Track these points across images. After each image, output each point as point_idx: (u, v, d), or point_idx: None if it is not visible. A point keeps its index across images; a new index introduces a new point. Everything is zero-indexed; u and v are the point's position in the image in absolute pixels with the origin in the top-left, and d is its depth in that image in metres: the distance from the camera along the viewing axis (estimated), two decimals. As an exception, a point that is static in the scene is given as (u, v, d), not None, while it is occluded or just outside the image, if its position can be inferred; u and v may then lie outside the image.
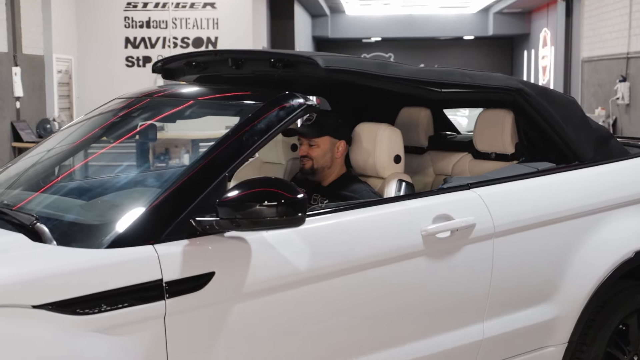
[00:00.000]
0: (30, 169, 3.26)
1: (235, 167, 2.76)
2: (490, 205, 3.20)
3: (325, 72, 3.07)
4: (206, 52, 3.69)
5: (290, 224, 2.56)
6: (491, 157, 3.97)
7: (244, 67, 3.42)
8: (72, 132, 3.41)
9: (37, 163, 3.28)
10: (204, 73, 3.75)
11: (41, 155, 3.32)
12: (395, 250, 2.93)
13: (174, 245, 2.52)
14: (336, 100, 4.57)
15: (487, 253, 3.17)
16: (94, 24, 11.91)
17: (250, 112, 2.88)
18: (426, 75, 3.35)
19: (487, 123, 3.91)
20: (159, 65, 3.87)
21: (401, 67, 3.32)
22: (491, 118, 3.89)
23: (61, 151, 3.30)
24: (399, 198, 3.13)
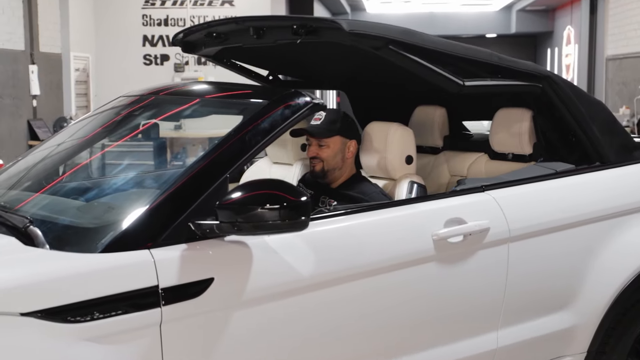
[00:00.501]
0: (31, 169, 3.17)
1: (237, 169, 2.64)
2: (505, 208, 3.07)
3: (349, 37, 2.92)
4: (226, 21, 3.53)
5: (292, 229, 2.44)
6: (508, 158, 3.84)
7: (265, 36, 3.27)
8: (74, 132, 3.31)
9: (37, 163, 3.19)
10: (225, 44, 3.62)
11: (42, 155, 3.23)
12: (405, 255, 2.81)
13: (172, 249, 2.42)
14: (354, 96, 4.47)
15: (501, 258, 3.04)
16: (112, 22, 11.86)
17: (254, 111, 2.77)
18: (453, 48, 3.19)
19: (504, 122, 3.78)
20: (179, 37, 3.76)
21: (427, 35, 3.15)
22: (508, 117, 3.75)
23: (62, 151, 3.21)
24: (409, 201, 3.01)
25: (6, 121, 9.30)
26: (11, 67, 9.35)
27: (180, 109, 3.23)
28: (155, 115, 3.23)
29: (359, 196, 3.19)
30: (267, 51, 3.64)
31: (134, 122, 3.21)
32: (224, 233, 2.46)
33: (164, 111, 3.27)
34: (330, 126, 3.29)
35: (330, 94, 18.09)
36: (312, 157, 3.32)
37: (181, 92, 3.33)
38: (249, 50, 3.71)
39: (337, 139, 3.30)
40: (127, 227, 2.42)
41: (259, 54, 3.85)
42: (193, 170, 2.57)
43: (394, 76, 3.80)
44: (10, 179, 3.09)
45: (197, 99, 3.23)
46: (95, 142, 3.19)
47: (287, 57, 3.62)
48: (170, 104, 3.28)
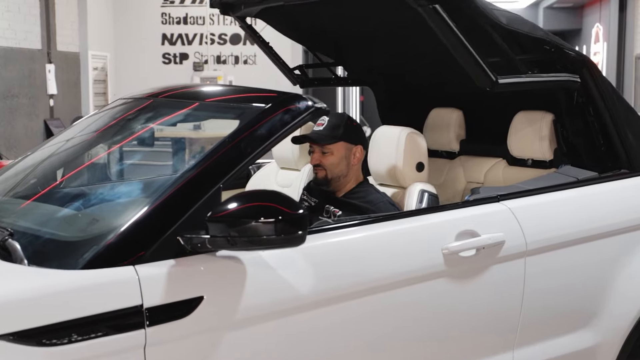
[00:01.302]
0: (21, 175, 3.01)
1: (231, 178, 2.46)
2: (522, 220, 2.87)
3: None
4: None
5: (288, 244, 2.26)
6: (527, 164, 3.66)
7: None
8: (68, 136, 3.15)
9: (28, 169, 3.03)
10: (265, 4, 3.51)
11: (34, 161, 3.07)
12: (413, 270, 2.62)
13: (158, 266, 2.25)
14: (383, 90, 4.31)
15: (517, 273, 2.84)
16: (131, 20, 11.75)
17: (251, 116, 2.60)
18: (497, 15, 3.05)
19: (523, 126, 3.58)
20: None
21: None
22: (528, 120, 3.56)
23: (54, 157, 3.04)
24: (418, 212, 2.81)
25: (22, 121, 9.22)
26: (27, 67, 9.27)
27: (176, 114, 3.05)
28: (150, 120, 3.06)
29: (365, 206, 3.00)
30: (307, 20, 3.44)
31: (128, 128, 3.04)
32: (215, 248, 2.29)
33: (160, 116, 3.09)
34: (333, 132, 3.10)
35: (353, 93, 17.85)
36: (315, 164, 3.14)
37: (180, 95, 3.15)
38: (289, 16, 3.56)
39: (340, 145, 3.11)
40: (110, 242, 2.25)
41: (298, 23, 3.67)
42: (183, 180, 2.40)
43: (429, 68, 3.63)
44: (2, 184, 2.94)
45: (195, 103, 3.05)
46: (88, 148, 3.02)
47: (327, 32, 3.45)
48: (167, 107, 3.11)
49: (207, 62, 11.77)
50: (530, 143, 3.54)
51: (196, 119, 3.06)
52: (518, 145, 3.61)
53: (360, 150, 3.15)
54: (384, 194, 3.09)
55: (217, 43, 11.77)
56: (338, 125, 3.10)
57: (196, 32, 11.79)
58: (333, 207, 3.07)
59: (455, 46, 2.92)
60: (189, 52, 11.81)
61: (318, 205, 3.15)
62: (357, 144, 3.14)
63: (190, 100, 3.04)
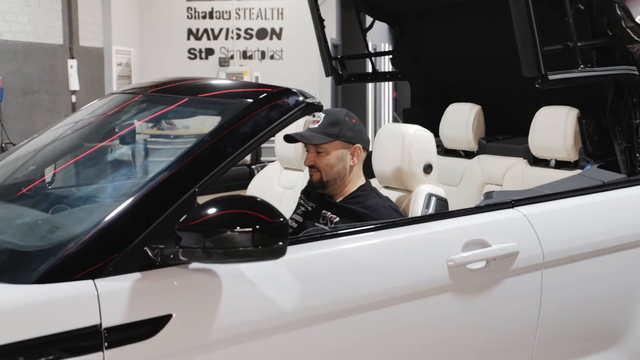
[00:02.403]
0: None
1: (208, 181, 2.21)
2: (538, 228, 2.59)
3: None
4: None
5: (266, 256, 2.01)
6: (550, 165, 3.37)
7: None
8: (48, 134, 2.92)
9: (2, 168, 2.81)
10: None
11: (9, 160, 2.85)
12: (413, 285, 2.35)
13: (121, 279, 2.00)
14: None
15: (533, 288, 2.56)
16: (156, 15, 11.56)
17: (233, 112, 2.35)
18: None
19: (546, 123, 3.30)
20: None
21: None
22: (551, 117, 3.28)
23: (29, 156, 2.82)
24: (421, 219, 2.53)
25: (42, 117, 9.07)
26: (48, 62, 9.12)
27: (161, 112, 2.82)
28: (132, 118, 2.82)
29: (363, 211, 2.72)
30: None
31: (108, 126, 2.82)
32: (187, 260, 2.04)
33: (143, 113, 2.85)
34: (328, 129, 2.82)
35: (385, 90, 17.52)
36: (309, 165, 2.86)
37: (170, 89, 2.90)
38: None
39: (336, 144, 2.83)
40: (68, 252, 2.01)
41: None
42: (153, 184, 2.15)
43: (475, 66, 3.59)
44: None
45: (184, 99, 2.80)
46: (64, 147, 2.79)
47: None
48: (153, 103, 2.88)
49: (233, 57, 11.54)
50: (554, 142, 3.26)
51: (181, 115, 2.81)
52: (540, 144, 3.33)
53: (359, 150, 2.86)
54: (386, 199, 2.81)
55: (244, 38, 11.53)
56: (335, 122, 2.83)
57: (222, 26, 11.56)
58: (330, 213, 2.80)
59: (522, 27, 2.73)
60: (214, 47, 11.59)
61: (315, 211, 2.88)
62: (356, 144, 2.86)
63: (179, 95, 2.79)
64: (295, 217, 2.95)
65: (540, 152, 3.37)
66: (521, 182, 3.42)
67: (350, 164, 2.84)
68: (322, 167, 2.81)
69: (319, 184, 2.83)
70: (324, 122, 2.82)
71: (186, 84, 2.89)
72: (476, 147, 3.83)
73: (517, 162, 3.54)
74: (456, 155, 3.97)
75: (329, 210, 2.81)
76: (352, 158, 2.84)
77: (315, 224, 2.81)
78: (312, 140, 2.79)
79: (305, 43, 11.35)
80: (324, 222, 2.80)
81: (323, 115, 2.84)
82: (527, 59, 2.75)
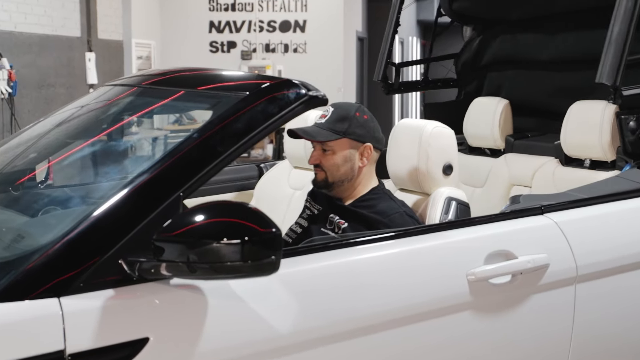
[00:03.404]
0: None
1: (196, 184, 1.95)
2: (571, 237, 2.30)
3: None
4: None
5: (256, 272, 1.75)
6: (584, 165, 3.08)
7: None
8: (34, 130, 2.68)
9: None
10: None
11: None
12: (428, 302, 2.08)
13: (91, 297, 1.75)
14: None
15: (565, 305, 2.28)
16: (177, 7, 11.35)
17: (226, 106, 2.08)
18: None
19: (580, 119, 3.01)
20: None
21: None
22: (586, 111, 2.98)
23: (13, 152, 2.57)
24: (438, 227, 2.24)
25: (59, 111, 8.91)
26: (65, 55, 8.93)
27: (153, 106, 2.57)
28: (122, 114, 2.57)
29: (374, 217, 2.44)
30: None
31: (94, 123, 2.57)
32: (169, 275, 1.79)
33: (133, 108, 2.60)
34: (335, 125, 2.54)
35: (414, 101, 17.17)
36: (314, 164, 2.58)
37: (166, 81, 2.64)
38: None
39: (344, 142, 2.55)
40: (32, 266, 1.76)
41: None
42: (131, 187, 1.90)
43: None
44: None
45: (180, 92, 2.54)
46: (48, 145, 2.54)
47: None
48: (146, 97, 2.62)
49: (256, 50, 11.30)
50: (588, 140, 2.96)
51: (173, 110, 2.55)
52: (573, 142, 3.04)
53: (369, 149, 2.57)
54: (400, 203, 2.52)
55: (266, 30, 11.28)
56: (344, 117, 2.55)
57: (244, 19, 11.32)
58: (338, 217, 2.52)
59: (619, 30, 2.69)
60: (236, 40, 11.36)
61: (321, 214, 2.61)
62: (366, 142, 2.57)
63: (175, 88, 2.53)
64: (300, 222, 2.68)
65: (574, 151, 3.08)
66: (552, 184, 3.13)
67: (359, 165, 2.56)
68: (328, 167, 2.53)
69: (323, 184, 2.55)
70: (332, 117, 2.54)
71: (184, 75, 2.63)
72: (503, 145, 3.54)
73: (547, 162, 3.25)
74: (481, 153, 3.68)
75: (337, 214, 2.53)
76: (362, 158, 2.56)
77: (321, 229, 2.54)
78: (317, 137, 2.51)
79: (330, 36, 11.10)
80: (331, 228, 2.52)
81: (332, 110, 2.56)
82: (609, 65, 2.66)
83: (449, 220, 2.43)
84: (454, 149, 2.61)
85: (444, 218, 2.46)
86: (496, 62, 4.09)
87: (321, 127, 2.52)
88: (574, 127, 3.04)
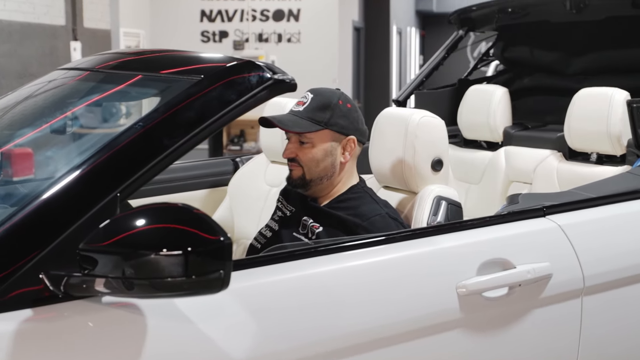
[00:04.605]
0: None
1: (137, 183, 1.65)
2: (577, 243, 2.02)
3: None
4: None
5: (201, 289, 1.47)
6: (591, 159, 2.80)
7: (587, 11, 3.03)
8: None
9: None
10: (523, 19, 3.44)
11: None
12: (413, 320, 1.80)
13: (4, 320, 1.47)
14: None
15: (570, 321, 2.01)
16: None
17: (175, 92, 1.79)
18: None
19: (586, 108, 2.73)
20: (454, 16, 3.74)
21: None
22: (592, 100, 2.70)
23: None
24: (426, 231, 1.95)
25: (43, 102, 8.62)
26: (49, 44, 8.63)
27: (103, 94, 2.27)
28: (65, 104, 2.28)
29: (353, 220, 2.13)
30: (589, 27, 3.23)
31: (32, 114, 2.28)
32: (97, 292, 1.50)
33: (80, 96, 2.30)
34: (315, 114, 2.23)
35: (411, 77, 16.86)
36: (289, 158, 2.27)
37: (123, 65, 2.34)
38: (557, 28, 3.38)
39: (324, 134, 2.23)
40: None
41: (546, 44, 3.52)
42: (58, 187, 1.60)
43: None
44: None
45: (137, 76, 2.23)
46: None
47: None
48: (101, 83, 2.33)
49: (248, 40, 11.00)
50: (595, 132, 2.68)
51: (126, 98, 2.25)
52: (579, 134, 2.76)
53: (352, 143, 2.26)
54: (383, 203, 2.21)
55: (259, 20, 10.98)
56: (325, 105, 2.23)
57: (237, 7, 11.01)
58: (312, 220, 2.21)
59: None
60: (228, 29, 11.06)
61: (294, 216, 2.30)
62: (349, 135, 2.26)
63: (133, 72, 2.22)
64: (271, 224, 2.37)
65: (579, 144, 2.80)
66: (555, 181, 2.85)
67: (341, 160, 2.24)
68: (305, 161, 2.21)
69: (299, 182, 2.24)
70: (312, 104, 2.23)
71: (145, 57, 2.33)
72: (501, 137, 3.25)
73: (549, 156, 2.97)
74: (477, 147, 3.39)
75: (310, 216, 2.22)
76: (344, 153, 2.24)
77: (293, 234, 2.24)
78: (294, 127, 2.19)
79: (325, 25, 10.83)
80: (304, 232, 2.22)
81: (311, 96, 2.25)
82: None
83: (437, 224, 2.13)
84: (444, 142, 2.31)
85: (432, 220, 2.16)
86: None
87: (299, 115, 2.21)
88: (579, 117, 2.76)
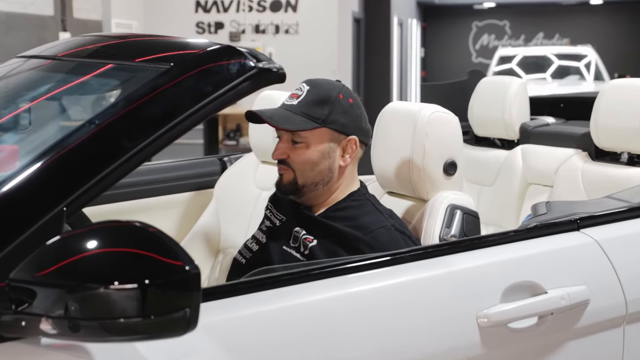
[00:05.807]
0: None
1: (88, 194, 1.35)
2: (618, 262, 1.73)
3: None
4: None
5: (162, 332, 1.18)
6: (621, 160, 2.51)
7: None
8: None
9: None
10: None
11: None
12: (425, 356, 1.50)
13: None
14: None
15: (611, 354, 1.70)
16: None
17: (140, 82, 1.49)
18: None
19: (615, 101, 2.45)
20: None
21: None
22: (622, 92, 2.43)
23: None
24: (439, 249, 1.64)
25: (30, 95, 8.36)
26: (36, 35, 8.35)
27: (65, 86, 1.97)
28: (20, 97, 1.99)
29: (353, 234, 1.82)
30: None
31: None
32: (35, 332, 1.21)
33: (38, 89, 2.01)
34: (311, 109, 1.90)
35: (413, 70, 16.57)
36: (279, 159, 1.95)
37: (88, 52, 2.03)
38: None
39: (322, 132, 1.90)
40: None
41: None
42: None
43: None
44: None
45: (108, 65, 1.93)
46: None
47: None
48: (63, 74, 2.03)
49: (245, 31, 10.70)
50: (626, 128, 2.40)
51: (87, 91, 1.95)
52: (607, 132, 2.46)
53: (354, 144, 1.94)
54: (388, 214, 1.89)
55: (256, 10, 10.68)
56: (323, 100, 1.91)
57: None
58: (305, 232, 1.90)
59: None
60: (224, 20, 10.77)
61: (284, 226, 1.98)
62: (350, 135, 1.94)
63: (102, 60, 1.92)
64: (258, 236, 2.06)
65: (607, 142, 2.50)
66: (580, 184, 2.55)
67: (340, 164, 1.92)
68: (298, 164, 1.89)
69: (290, 187, 1.93)
70: (307, 98, 1.91)
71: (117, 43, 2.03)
72: (517, 135, 2.95)
73: (573, 156, 2.68)
74: (490, 145, 3.09)
75: (303, 227, 1.91)
76: (343, 155, 1.92)
77: (283, 247, 1.93)
78: (285, 124, 1.88)
79: (324, 16, 10.54)
80: (295, 246, 1.90)
81: (307, 88, 1.93)
82: None
83: (451, 238, 1.82)
84: (459, 141, 2.00)
85: (445, 233, 1.85)
86: None
87: (292, 110, 1.89)
88: (608, 111, 2.46)
